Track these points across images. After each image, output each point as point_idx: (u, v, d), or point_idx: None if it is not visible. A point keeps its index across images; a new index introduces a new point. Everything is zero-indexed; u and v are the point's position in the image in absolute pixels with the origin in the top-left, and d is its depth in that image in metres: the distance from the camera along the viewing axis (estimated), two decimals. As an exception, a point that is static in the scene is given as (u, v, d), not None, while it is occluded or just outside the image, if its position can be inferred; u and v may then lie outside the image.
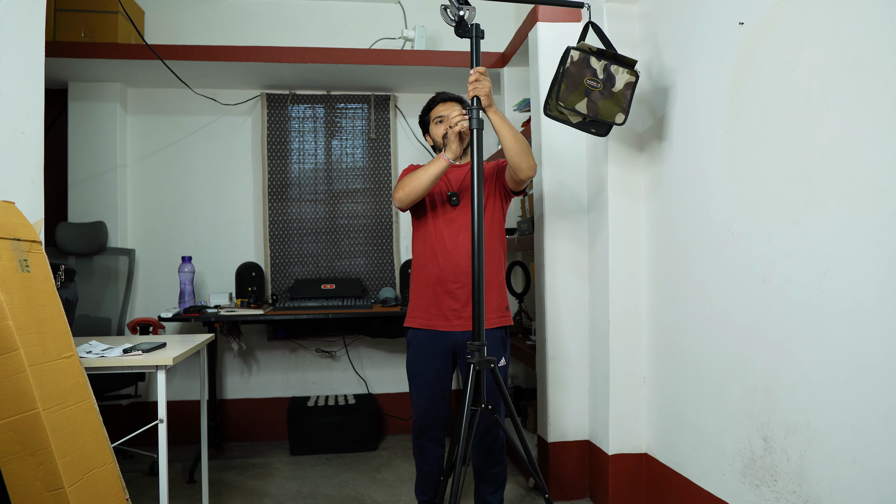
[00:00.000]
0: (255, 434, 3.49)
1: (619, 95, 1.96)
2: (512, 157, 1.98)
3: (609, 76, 1.95)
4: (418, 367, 2.19)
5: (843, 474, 1.42)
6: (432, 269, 2.14)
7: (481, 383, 1.75)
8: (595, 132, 2.06)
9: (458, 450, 1.68)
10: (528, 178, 2.04)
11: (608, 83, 1.95)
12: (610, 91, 1.96)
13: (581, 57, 1.95)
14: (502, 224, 2.21)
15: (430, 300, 2.15)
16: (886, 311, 1.31)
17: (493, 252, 2.14)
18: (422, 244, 2.19)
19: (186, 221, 3.48)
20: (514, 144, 1.95)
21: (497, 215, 2.18)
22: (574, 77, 1.95)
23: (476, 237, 1.79)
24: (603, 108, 1.96)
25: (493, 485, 2.18)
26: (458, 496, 1.66)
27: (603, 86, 1.95)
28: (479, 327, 1.77)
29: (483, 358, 1.74)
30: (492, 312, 2.10)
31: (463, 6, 1.84)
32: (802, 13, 1.54)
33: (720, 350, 1.89)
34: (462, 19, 1.84)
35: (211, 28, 3.50)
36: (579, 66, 1.95)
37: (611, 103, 1.96)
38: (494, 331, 2.12)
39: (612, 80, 1.96)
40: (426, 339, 2.17)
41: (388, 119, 3.62)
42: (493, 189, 2.18)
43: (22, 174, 1.73)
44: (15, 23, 1.70)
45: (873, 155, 1.34)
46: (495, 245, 2.16)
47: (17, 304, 1.41)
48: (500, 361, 2.12)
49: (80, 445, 1.47)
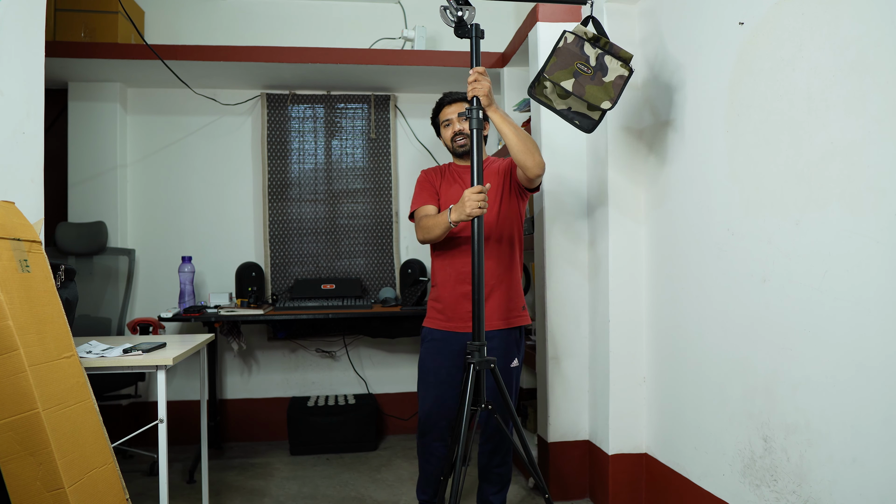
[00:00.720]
0: (255, 434, 3.49)
1: (609, 85, 1.89)
2: (516, 154, 1.94)
3: (601, 65, 1.88)
4: (430, 364, 2.18)
5: (843, 474, 1.42)
6: (449, 272, 2.15)
7: (481, 383, 1.75)
8: (578, 125, 1.97)
9: (459, 449, 1.68)
10: (536, 175, 1.99)
11: (599, 71, 1.88)
12: (600, 79, 1.88)
13: (575, 40, 1.88)
14: (518, 222, 2.18)
15: (448, 303, 2.15)
16: (886, 311, 1.31)
17: (505, 251, 2.13)
18: (440, 247, 2.18)
19: (186, 221, 3.48)
20: (517, 143, 1.91)
21: (512, 213, 2.15)
22: (565, 57, 1.88)
23: (476, 239, 1.79)
24: (589, 91, 1.88)
25: (497, 485, 2.18)
26: (459, 496, 1.66)
27: (593, 73, 1.87)
28: (479, 328, 1.77)
29: (483, 358, 1.75)
30: (509, 312, 2.12)
31: (462, 6, 1.82)
32: (802, 13, 1.54)
33: (720, 350, 1.89)
34: (461, 20, 1.83)
35: (211, 28, 3.50)
36: (572, 49, 1.88)
37: (598, 89, 1.89)
38: (510, 331, 2.12)
39: (605, 70, 1.88)
40: (441, 338, 2.16)
41: (388, 119, 3.62)
42: (506, 187, 2.15)
43: (22, 174, 1.73)
44: (15, 23, 1.70)
45: (873, 155, 1.34)
46: (508, 243, 2.15)
47: (17, 304, 1.41)
48: (512, 362, 2.13)
49: (80, 445, 1.47)
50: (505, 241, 2.14)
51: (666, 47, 2.20)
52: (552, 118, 2.58)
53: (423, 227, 2.09)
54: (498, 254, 2.13)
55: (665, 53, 2.21)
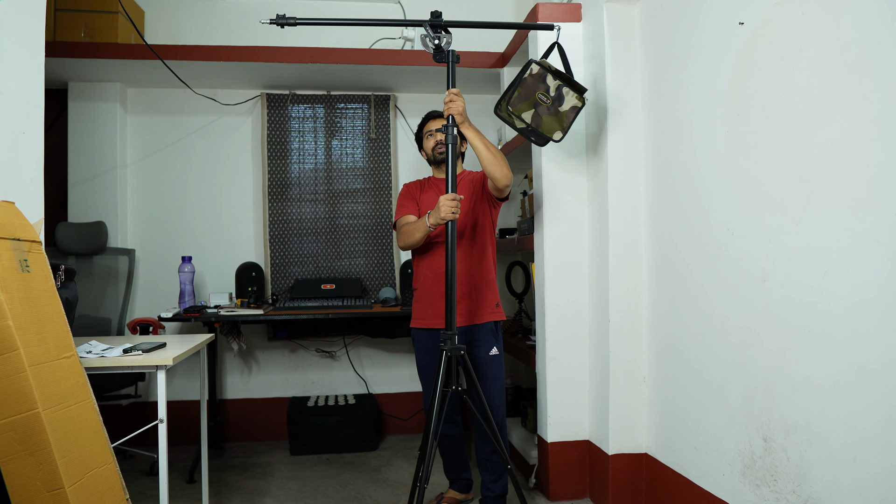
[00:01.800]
0: (255, 434, 3.49)
1: (563, 115, 2.13)
2: (486, 166, 2.16)
3: (559, 96, 2.13)
4: (423, 361, 2.41)
5: (843, 474, 1.42)
6: (428, 273, 2.36)
7: (452, 367, 1.98)
8: (535, 141, 2.20)
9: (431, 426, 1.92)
10: (504, 186, 2.20)
11: (557, 102, 2.13)
12: (556, 109, 2.13)
13: (539, 72, 2.12)
14: (491, 228, 2.40)
15: (427, 302, 2.36)
16: (886, 311, 1.31)
17: (481, 254, 2.36)
18: (419, 252, 2.40)
19: (186, 221, 3.48)
20: (487, 156, 2.13)
21: (485, 221, 2.38)
22: (528, 88, 2.13)
23: (449, 242, 2.01)
24: (546, 122, 2.14)
25: (494, 473, 2.31)
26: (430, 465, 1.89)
27: (552, 103, 2.13)
28: (451, 319, 2.00)
29: (454, 346, 1.98)
30: (484, 308, 2.35)
31: (439, 35, 2.04)
32: (802, 13, 1.54)
33: (720, 350, 1.89)
34: (439, 46, 2.04)
35: (211, 28, 3.50)
36: (535, 80, 2.12)
37: (553, 120, 2.14)
38: (486, 325, 2.34)
39: (561, 100, 2.13)
40: (426, 336, 2.37)
41: (388, 119, 3.62)
42: (480, 197, 2.37)
43: (22, 174, 1.74)
44: (15, 23, 1.70)
45: (873, 155, 1.34)
46: (481, 247, 2.37)
47: (17, 304, 1.41)
48: (491, 350, 2.34)
49: (80, 445, 1.47)
50: (477, 246, 2.36)
51: (665, 47, 2.21)
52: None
53: (404, 233, 2.32)
54: (471, 257, 2.35)
55: (664, 53, 2.21)
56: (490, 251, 2.39)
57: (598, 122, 2.48)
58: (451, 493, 2.50)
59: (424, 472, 1.88)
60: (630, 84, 2.40)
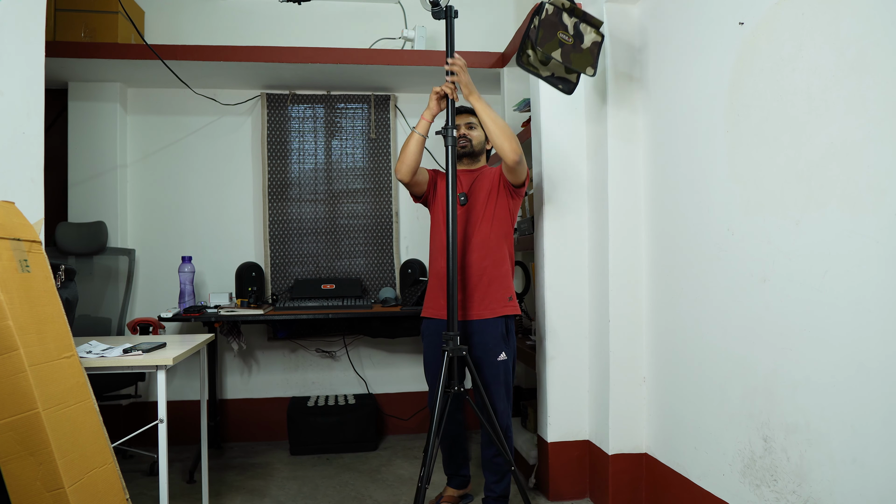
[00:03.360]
0: (255, 434, 3.49)
1: (587, 52, 2.09)
2: (494, 139, 2.15)
3: (578, 33, 2.08)
4: (430, 359, 2.37)
5: (843, 474, 1.42)
6: (441, 263, 2.28)
7: (453, 368, 1.96)
8: (562, 89, 2.18)
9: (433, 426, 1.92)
10: (512, 162, 2.16)
11: (578, 40, 2.08)
12: (579, 47, 2.08)
13: (555, 11, 2.06)
14: (506, 220, 2.34)
15: (438, 292, 2.30)
16: (886, 311, 1.31)
17: (493, 246, 2.30)
18: (434, 240, 2.37)
19: (186, 221, 3.49)
20: (494, 128, 2.13)
21: (501, 211, 2.32)
22: (549, 29, 2.05)
23: (450, 242, 2.00)
24: (575, 59, 2.08)
25: (497, 474, 2.31)
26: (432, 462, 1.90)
27: (573, 42, 2.08)
28: (452, 318, 1.99)
29: (456, 346, 1.95)
30: (497, 301, 2.28)
31: None
32: (802, 13, 1.54)
33: (720, 350, 1.89)
34: (437, 2, 1.98)
35: (211, 28, 3.50)
36: (553, 20, 2.06)
37: (580, 57, 2.09)
38: (495, 321, 2.27)
39: (581, 38, 2.09)
40: (435, 328, 2.32)
41: (388, 119, 3.62)
42: (497, 187, 2.32)
43: (22, 174, 1.73)
44: (15, 23, 1.70)
45: (873, 155, 1.34)
46: (497, 239, 2.31)
47: (17, 304, 1.41)
48: (499, 356, 2.27)
49: (80, 445, 1.47)
50: (494, 237, 2.30)
51: (666, 47, 2.20)
52: (551, 119, 2.59)
53: (400, 157, 2.25)
54: (486, 247, 2.29)
55: (665, 53, 2.21)
56: (506, 244, 2.34)
57: (597, 121, 2.48)
58: (450, 491, 2.50)
59: (426, 472, 1.87)
60: (630, 83, 2.40)
